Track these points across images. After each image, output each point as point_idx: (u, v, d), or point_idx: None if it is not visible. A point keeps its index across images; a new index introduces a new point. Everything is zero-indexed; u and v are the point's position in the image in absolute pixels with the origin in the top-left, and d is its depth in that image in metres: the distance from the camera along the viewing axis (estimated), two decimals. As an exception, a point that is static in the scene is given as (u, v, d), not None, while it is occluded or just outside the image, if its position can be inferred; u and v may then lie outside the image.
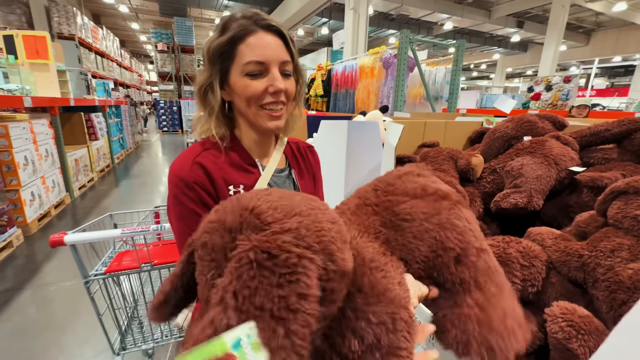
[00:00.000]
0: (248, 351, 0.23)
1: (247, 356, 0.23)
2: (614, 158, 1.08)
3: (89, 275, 0.99)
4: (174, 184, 0.60)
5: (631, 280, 0.64)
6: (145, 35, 16.41)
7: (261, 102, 0.62)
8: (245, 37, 0.59)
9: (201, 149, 0.64)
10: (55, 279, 2.33)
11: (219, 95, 0.63)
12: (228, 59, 0.61)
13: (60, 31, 7.58)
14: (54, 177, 3.64)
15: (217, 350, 0.22)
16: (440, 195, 0.48)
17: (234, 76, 0.61)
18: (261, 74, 0.61)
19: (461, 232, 0.45)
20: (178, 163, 0.62)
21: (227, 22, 0.61)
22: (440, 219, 0.45)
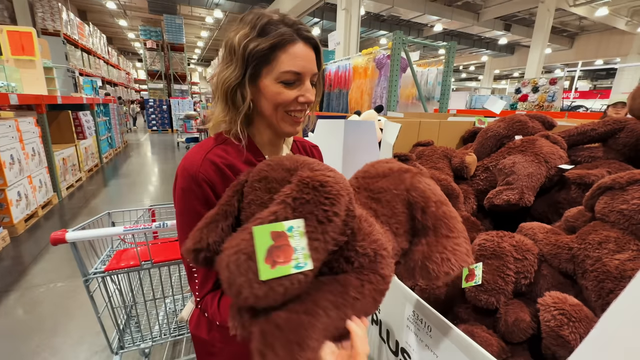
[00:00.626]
0: (295, 235, 0.37)
1: (294, 238, 0.37)
2: (600, 156, 1.13)
3: (88, 274, 0.98)
4: (183, 177, 0.61)
5: (617, 270, 0.68)
6: (133, 32, 16.08)
7: (289, 108, 0.64)
8: (286, 46, 0.60)
9: (214, 144, 0.65)
10: (45, 281, 2.28)
11: (249, 96, 0.62)
12: (264, 62, 0.61)
13: (44, 27, 7.38)
14: (41, 176, 3.55)
15: (277, 228, 0.37)
16: (403, 170, 0.64)
17: (266, 80, 0.62)
18: (294, 83, 0.62)
19: (422, 191, 0.60)
20: (189, 158, 0.63)
21: (266, 25, 0.60)
22: (405, 185, 0.61)
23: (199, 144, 0.65)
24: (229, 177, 0.62)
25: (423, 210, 0.58)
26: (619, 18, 11.48)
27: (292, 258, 0.36)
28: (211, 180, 0.61)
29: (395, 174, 0.63)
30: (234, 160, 0.64)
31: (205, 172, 0.60)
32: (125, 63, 16.73)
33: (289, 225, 0.37)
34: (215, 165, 0.61)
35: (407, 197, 0.59)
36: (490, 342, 0.80)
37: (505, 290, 0.84)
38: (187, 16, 13.57)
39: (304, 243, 0.37)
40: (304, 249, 0.37)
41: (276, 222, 0.37)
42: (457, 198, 1.20)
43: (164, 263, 1.05)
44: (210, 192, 0.61)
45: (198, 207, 0.60)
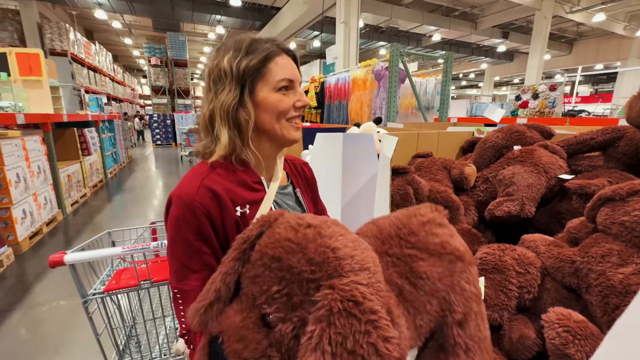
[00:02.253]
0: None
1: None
2: (600, 165, 1.12)
3: (87, 295, 0.98)
4: (177, 205, 0.60)
5: (622, 284, 0.67)
6: (138, 49, 16.50)
7: (288, 116, 0.67)
8: (274, 57, 0.64)
9: (209, 169, 0.64)
10: (47, 299, 2.28)
11: (252, 111, 0.63)
12: (258, 76, 0.63)
13: (52, 47, 7.60)
14: (46, 193, 3.59)
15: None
16: (457, 256, 0.52)
17: (263, 92, 0.64)
18: (289, 90, 0.66)
19: (467, 297, 0.51)
20: (185, 185, 0.61)
21: (251, 44, 0.63)
22: (452, 281, 0.50)
23: (193, 170, 0.65)
24: (225, 203, 0.61)
25: (461, 325, 0.50)
26: (616, 23, 11.56)
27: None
28: (207, 209, 0.60)
29: (446, 257, 0.51)
30: (230, 184, 0.64)
31: (201, 200, 0.59)
32: (130, 79, 17.12)
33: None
34: (212, 191, 0.61)
35: (449, 298, 0.50)
36: (494, 361, 0.78)
37: (508, 305, 0.83)
38: (190, 33, 13.92)
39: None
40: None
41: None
42: (457, 210, 1.19)
43: (164, 282, 1.05)
44: (205, 222, 0.59)
45: (191, 237, 0.59)
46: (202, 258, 0.60)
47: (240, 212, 0.63)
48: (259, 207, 0.66)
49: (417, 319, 0.47)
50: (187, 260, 0.59)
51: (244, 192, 0.65)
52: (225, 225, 0.61)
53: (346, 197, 1.50)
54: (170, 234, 0.61)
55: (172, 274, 0.61)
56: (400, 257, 0.51)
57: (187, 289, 0.60)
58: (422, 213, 0.57)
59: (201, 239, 0.60)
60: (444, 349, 0.51)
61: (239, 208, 0.63)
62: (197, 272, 0.60)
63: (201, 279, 0.60)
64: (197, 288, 0.59)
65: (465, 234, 1.12)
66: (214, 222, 0.60)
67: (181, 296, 0.61)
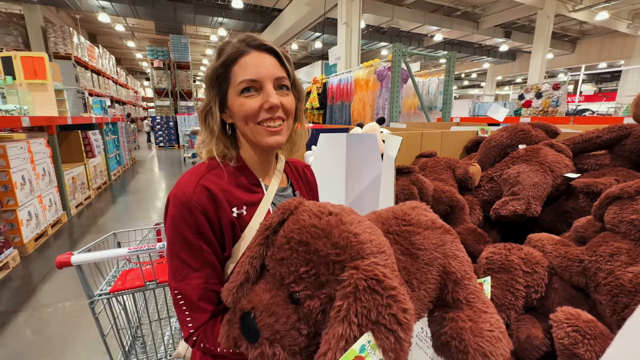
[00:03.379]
0: (370, 352, 0.35)
1: (370, 356, 0.35)
2: (607, 164, 1.11)
3: (94, 296, 0.99)
4: (175, 205, 0.59)
5: (631, 283, 0.66)
6: (141, 52, 16.61)
7: (257, 120, 0.63)
8: (238, 59, 0.62)
9: (206, 169, 0.64)
10: (53, 300, 2.29)
11: (218, 118, 0.65)
12: (224, 82, 0.63)
13: (56, 51, 7.67)
14: (50, 195, 3.62)
15: (350, 356, 0.35)
16: (445, 229, 0.62)
17: (231, 97, 0.64)
18: (256, 92, 0.62)
19: (461, 261, 0.59)
20: (181, 185, 0.61)
21: (222, 48, 0.64)
22: (445, 250, 0.58)
23: (190, 170, 0.65)
24: (221, 203, 0.61)
25: (456, 282, 0.56)
26: (620, 21, 11.48)
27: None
28: (204, 207, 0.59)
29: (438, 230, 0.60)
30: (227, 185, 0.63)
31: (198, 199, 0.59)
32: (133, 82, 17.23)
33: (359, 345, 0.35)
34: (208, 191, 0.60)
35: (445, 264, 0.57)
36: (502, 361, 0.77)
37: (515, 305, 0.82)
38: (193, 35, 14.00)
39: (379, 355, 0.36)
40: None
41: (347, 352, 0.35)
42: (462, 209, 1.19)
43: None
44: (203, 220, 0.59)
45: (190, 236, 0.58)
46: (202, 256, 0.59)
47: (237, 213, 0.63)
48: (256, 209, 0.65)
49: (420, 291, 0.54)
50: (188, 258, 0.59)
51: (241, 193, 0.65)
52: (222, 224, 0.61)
53: (350, 197, 1.50)
54: (169, 234, 0.60)
55: (172, 274, 0.60)
56: (399, 233, 0.58)
57: (188, 289, 0.59)
58: (409, 203, 0.68)
59: (200, 237, 0.59)
60: (448, 307, 0.56)
61: (235, 209, 0.63)
62: (198, 271, 0.59)
63: (203, 277, 0.59)
64: (199, 287, 0.59)
65: (470, 234, 1.11)
66: (211, 220, 0.60)
67: (182, 297, 0.59)
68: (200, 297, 0.59)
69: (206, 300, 0.60)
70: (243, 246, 0.62)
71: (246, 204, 0.64)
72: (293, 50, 15.61)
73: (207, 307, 0.60)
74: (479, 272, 0.92)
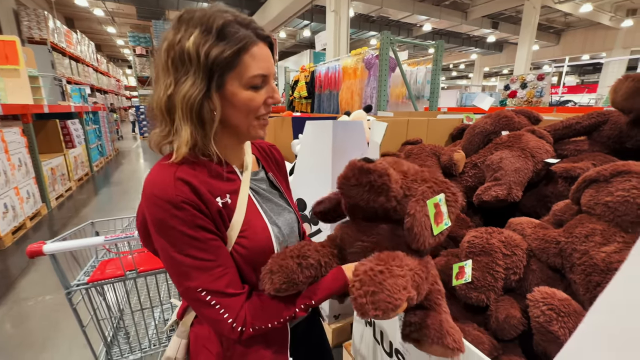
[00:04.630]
0: (442, 204, 0.58)
1: (442, 206, 0.58)
2: (585, 149, 1.14)
3: (70, 286, 0.95)
4: (157, 206, 0.53)
5: (604, 262, 0.68)
6: (122, 39, 15.94)
7: (259, 114, 0.61)
8: (249, 48, 0.56)
9: (177, 163, 0.57)
10: (33, 294, 2.23)
11: (219, 108, 0.57)
12: (229, 69, 0.55)
13: (30, 35, 7.26)
14: (28, 187, 3.48)
15: (435, 200, 0.57)
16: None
17: (233, 87, 0.56)
18: (261, 87, 0.60)
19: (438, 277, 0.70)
20: (156, 182, 0.54)
21: (222, 28, 0.54)
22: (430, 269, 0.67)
23: (158, 166, 0.58)
24: (205, 195, 0.56)
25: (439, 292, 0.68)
26: (602, 14, 11.70)
27: (444, 219, 0.57)
28: (191, 200, 0.54)
29: None
30: (203, 177, 0.59)
31: (182, 193, 0.53)
32: (115, 70, 16.58)
33: (440, 197, 0.58)
34: (188, 184, 0.55)
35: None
36: (481, 340, 0.79)
37: (495, 286, 0.84)
38: (176, 21, 13.47)
39: (446, 209, 0.58)
40: (446, 213, 0.58)
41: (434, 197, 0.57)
42: (446, 195, 1.20)
43: (150, 272, 1.03)
44: (194, 212, 0.54)
45: (188, 231, 0.53)
46: (211, 245, 0.55)
47: (222, 202, 0.59)
48: (238, 196, 0.63)
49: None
50: (198, 253, 0.54)
51: (219, 183, 0.61)
52: (212, 214, 0.57)
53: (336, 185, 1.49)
54: (163, 239, 0.54)
55: (186, 276, 0.54)
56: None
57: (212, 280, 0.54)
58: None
59: (200, 229, 0.54)
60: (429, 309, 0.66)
61: (219, 199, 0.59)
62: (214, 260, 0.55)
63: (222, 265, 0.56)
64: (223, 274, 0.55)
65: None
66: (202, 211, 0.56)
67: (208, 292, 0.54)
68: (228, 284, 0.56)
69: (234, 285, 0.57)
70: (233, 236, 0.60)
71: (229, 193, 0.62)
72: (281, 39, 15.29)
73: (236, 291, 0.57)
74: (461, 256, 0.93)
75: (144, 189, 0.55)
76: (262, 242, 0.63)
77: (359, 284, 0.47)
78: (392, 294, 0.45)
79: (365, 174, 0.56)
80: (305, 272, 0.58)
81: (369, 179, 0.56)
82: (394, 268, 0.49)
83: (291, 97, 5.81)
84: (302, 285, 0.58)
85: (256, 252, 0.61)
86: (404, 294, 0.46)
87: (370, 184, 0.56)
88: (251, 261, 0.61)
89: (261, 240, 0.62)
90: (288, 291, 0.57)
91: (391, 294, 0.45)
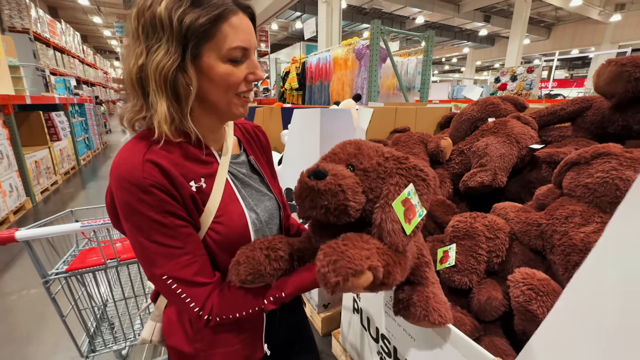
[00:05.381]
0: (412, 196, 0.53)
1: (413, 198, 0.53)
2: (569, 135, 1.15)
3: (48, 275, 0.93)
4: (124, 189, 0.50)
5: (583, 242, 0.69)
6: (109, 29, 15.50)
7: (239, 90, 0.57)
8: (229, 17, 0.52)
9: (146, 143, 0.53)
10: (16, 288, 2.18)
11: (195, 81, 0.53)
12: (205, 38, 0.51)
13: (12, 25, 6.99)
14: (11, 180, 3.38)
15: (403, 197, 0.52)
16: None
17: (210, 60, 0.53)
18: (241, 60, 0.55)
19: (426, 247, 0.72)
20: (124, 164, 0.51)
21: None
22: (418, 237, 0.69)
23: (127, 146, 0.54)
24: (177, 178, 0.53)
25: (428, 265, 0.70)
26: (592, 8, 11.81)
27: (416, 211, 0.53)
28: (160, 183, 0.51)
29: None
30: (177, 159, 0.55)
31: (150, 176, 0.50)
32: (102, 62, 16.13)
33: (407, 192, 0.52)
34: (158, 166, 0.51)
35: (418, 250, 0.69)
36: (463, 322, 0.80)
37: (477, 269, 0.85)
38: (165, 12, 13.14)
39: (417, 199, 0.54)
40: (419, 202, 0.54)
41: (401, 194, 0.52)
42: (432, 182, 1.20)
43: (132, 260, 1.01)
44: (163, 196, 0.51)
45: (156, 216, 0.50)
46: (180, 231, 0.53)
47: (196, 186, 0.57)
48: (214, 180, 0.60)
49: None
50: (165, 239, 0.52)
51: (194, 166, 0.58)
52: (184, 199, 0.54)
53: (324, 173, 1.48)
54: (130, 222, 0.51)
55: (152, 262, 0.52)
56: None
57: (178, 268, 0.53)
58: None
59: (170, 215, 0.52)
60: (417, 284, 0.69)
61: (193, 182, 0.56)
62: (182, 248, 0.53)
63: (190, 252, 0.54)
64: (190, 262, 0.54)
65: (439, 205, 1.13)
66: (172, 195, 0.52)
67: (174, 280, 0.53)
68: (196, 272, 0.54)
69: (202, 273, 0.55)
70: (207, 221, 0.57)
71: (204, 176, 0.59)
72: (273, 31, 15.05)
73: (205, 280, 0.55)
74: (446, 240, 0.94)
75: (112, 169, 0.52)
76: (238, 229, 0.61)
77: (322, 256, 0.46)
78: (353, 260, 0.44)
79: (317, 196, 0.50)
80: (273, 264, 0.56)
81: (323, 203, 0.50)
82: (359, 243, 0.48)
83: (282, 88, 5.75)
84: (269, 278, 0.57)
85: (231, 239, 0.59)
86: (366, 262, 0.45)
87: (325, 207, 0.50)
88: (226, 247, 0.59)
89: (237, 227, 0.60)
90: (254, 283, 0.55)
91: (352, 260, 0.44)
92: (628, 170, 0.69)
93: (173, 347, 0.65)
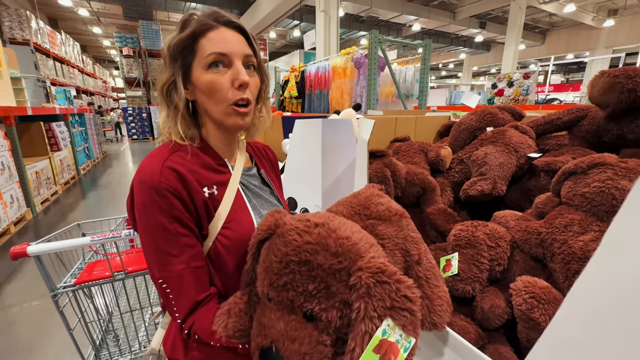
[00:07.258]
0: (391, 332, 0.39)
1: (391, 336, 0.39)
2: (566, 144, 1.17)
3: (56, 288, 0.94)
4: (142, 190, 0.56)
5: (582, 251, 0.70)
6: (108, 39, 15.65)
7: (229, 100, 0.60)
8: (206, 32, 0.59)
9: (169, 151, 0.61)
10: (19, 300, 2.17)
11: (183, 92, 0.61)
12: (190, 54, 0.59)
13: (12, 36, 7.07)
14: (12, 191, 3.39)
15: (375, 342, 0.38)
16: (400, 214, 0.66)
17: (197, 72, 0.60)
18: (225, 68, 0.60)
19: (416, 242, 0.65)
20: (146, 168, 0.57)
21: (187, 20, 0.60)
22: (404, 234, 0.64)
23: (152, 153, 0.61)
24: (192, 184, 0.58)
25: (418, 263, 0.64)
26: (585, 14, 12.02)
27: (399, 347, 0.40)
28: (175, 189, 0.56)
29: (395, 219, 0.65)
30: (193, 166, 0.61)
31: (167, 181, 0.55)
32: (101, 71, 16.25)
33: (381, 331, 0.39)
34: (176, 172, 0.57)
35: (407, 247, 0.63)
36: (467, 330, 0.81)
37: (480, 278, 0.86)
38: (164, 22, 13.32)
39: (400, 331, 0.40)
40: (402, 335, 0.40)
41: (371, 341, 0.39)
42: (433, 191, 1.22)
43: (139, 273, 1.02)
44: (175, 202, 0.56)
45: (164, 220, 0.55)
46: (180, 240, 0.57)
47: (208, 192, 0.61)
48: (226, 188, 0.64)
49: None
50: (166, 245, 0.56)
51: (209, 173, 0.63)
52: (196, 205, 0.59)
53: (326, 182, 1.50)
54: (141, 222, 0.57)
55: (153, 264, 0.57)
56: (365, 227, 0.61)
57: (171, 276, 0.56)
58: (362, 192, 0.71)
59: (175, 221, 0.56)
60: None
61: (206, 189, 0.61)
62: (178, 256, 0.57)
63: (184, 262, 0.57)
64: (183, 271, 0.57)
65: (441, 214, 1.15)
66: (184, 201, 0.57)
67: (167, 285, 0.57)
68: (185, 282, 0.57)
69: (191, 284, 0.57)
70: (217, 226, 0.61)
71: (216, 184, 0.63)
72: (271, 39, 15.23)
73: (193, 293, 0.57)
74: (448, 249, 0.95)
75: (136, 173, 0.58)
76: (246, 235, 0.62)
77: None
78: None
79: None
80: None
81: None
82: None
83: (282, 97, 5.80)
84: None
85: (239, 244, 0.62)
86: None
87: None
88: (234, 253, 0.62)
89: (245, 233, 0.63)
90: (240, 340, 0.54)
91: None
92: (623, 180, 0.71)
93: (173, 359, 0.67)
